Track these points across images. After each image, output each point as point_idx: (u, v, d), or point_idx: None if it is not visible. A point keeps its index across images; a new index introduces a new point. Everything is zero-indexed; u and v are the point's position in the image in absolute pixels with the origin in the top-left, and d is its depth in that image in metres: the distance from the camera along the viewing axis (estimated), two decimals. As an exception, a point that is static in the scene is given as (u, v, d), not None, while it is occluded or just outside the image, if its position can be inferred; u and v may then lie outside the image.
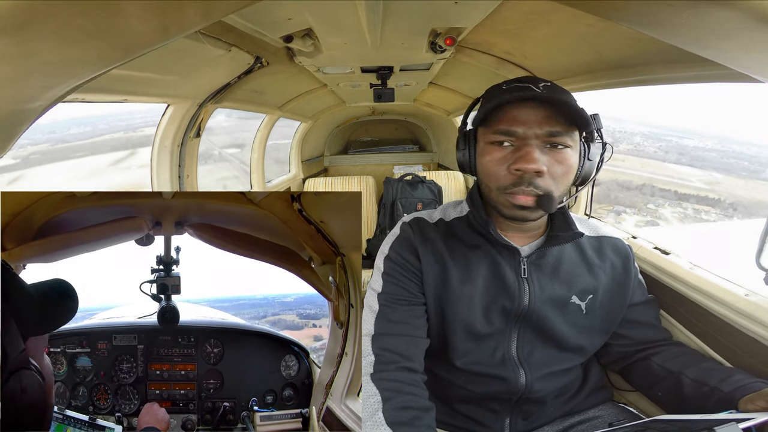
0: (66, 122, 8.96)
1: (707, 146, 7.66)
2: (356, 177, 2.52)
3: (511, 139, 0.62)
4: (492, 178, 0.65)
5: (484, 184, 0.67)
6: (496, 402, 0.73)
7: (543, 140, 0.61)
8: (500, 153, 0.63)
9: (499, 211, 0.66)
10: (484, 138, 0.66)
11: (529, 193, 0.61)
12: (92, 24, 0.31)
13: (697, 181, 6.89)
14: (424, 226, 0.76)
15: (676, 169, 7.18)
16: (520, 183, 0.61)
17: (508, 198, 0.63)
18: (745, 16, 0.33)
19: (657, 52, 0.79)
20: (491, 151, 0.64)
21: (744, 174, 7.28)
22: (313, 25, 0.99)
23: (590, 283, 0.72)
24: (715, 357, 0.74)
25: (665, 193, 6.54)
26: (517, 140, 0.62)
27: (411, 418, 0.61)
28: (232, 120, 2.33)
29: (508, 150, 0.63)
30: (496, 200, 0.65)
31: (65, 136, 9.44)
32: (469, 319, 0.69)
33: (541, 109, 0.61)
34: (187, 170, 1.43)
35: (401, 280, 0.72)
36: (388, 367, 0.65)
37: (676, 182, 6.90)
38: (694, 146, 7.63)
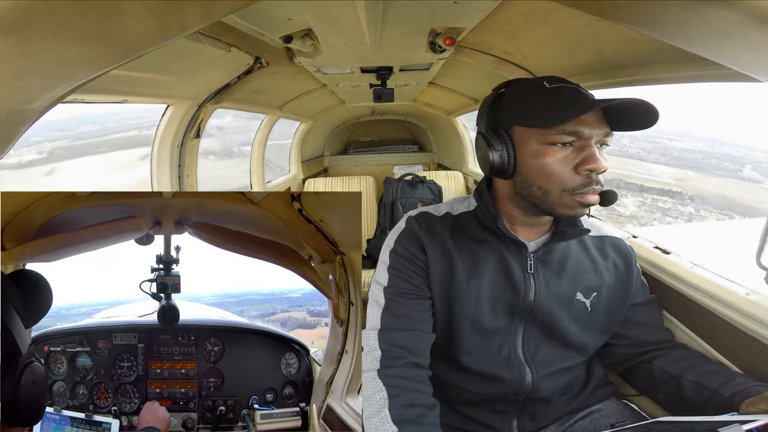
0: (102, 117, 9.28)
1: (695, 148, 7.79)
2: (356, 177, 2.52)
3: (574, 139, 0.62)
4: (554, 180, 0.62)
5: (536, 186, 0.64)
6: (503, 403, 0.73)
7: (599, 140, 0.62)
8: (563, 153, 0.62)
9: (554, 212, 0.64)
10: (539, 139, 0.62)
11: (597, 191, 0.62)
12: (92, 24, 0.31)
13: (668, 177, 7.09)
14: (431, 220, 0.75)
15: (651, 168, 7.41)
16: (589, 183, 0.61)
17: (576, 198, 0.62)
18: (745, 16, 0.33)
19: (657, 52, 0.79)
20: (552, 153, 0.62)
21: (719, 173, 7.45)
22: (313, 26, 0.99)
23: (594, 281, 0.72)
24: (716, 356, 0.74)
25: (630, 186, 6.80)
26: (579, 140, 0.62)
27: (417, 415, 0.61)
28: (240, 120, 2.37)
29: (569, 150, 0.62)
30: (556, 202, 0.63)
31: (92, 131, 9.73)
32: (476, 313, 0.70)
33: (598, 111, 0.62)
34: (187, 170, 1.43)
35: (407, 274, 0.72)
36: (395, 362, 0.65)
37: (645, 178, 7.10)
38: (681, 148, 7.76)
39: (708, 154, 8.58)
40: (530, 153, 0.63)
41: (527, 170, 0.64)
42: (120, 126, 9.57)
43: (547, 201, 0.63)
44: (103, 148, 10.06)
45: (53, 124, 9.00)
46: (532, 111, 0.63)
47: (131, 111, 1.33)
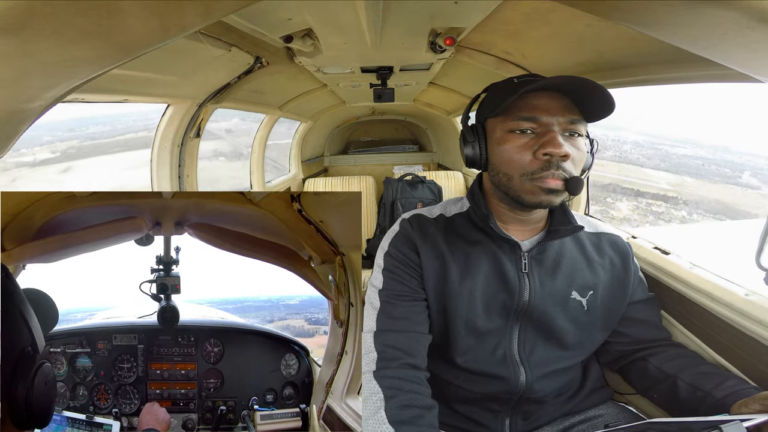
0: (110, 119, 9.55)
1: (697, 155, 7.97)
2: (356, 177, 2.52)
3: (533, 125, 0.63)
4: (515, 165, 0.64)
5: (502, 173, 0.66)
6: (496, 402, 0.73)
7: (563, 127, 0.63)
8: (523, 140, 0.64)
9: (520, 200, 0.65)
10: (502, 127, 0.66)
11: (558, 176, 0.62)
12: (92, 24, 0.31)
13: (665, 183, 7.33)
14: (424, 223, 0.76)
15: (649, 173, 7.61)
16: (548, 167, 0.62)
17: (536, 183, 0.62)
18: (745, 16, 0.33)
19: (657, 52, 0.79)
20: (512, 139, 0.64)
21: (717, 179, 7.69)
22: (313, 25, 0.99)
23: (590, 279, 0.72)
24: (714, 357, 0.74)
25: (626, 191, 7.01)
26: (540, 126, 0.63)
27: (413, 416, 0.61)
28: (248, 123, 2.46)
29: (530, 137, 0.64)
30: (519, 188, 0.64)
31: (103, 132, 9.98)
32: (469, 314, 0.69)
33: (560, 98, 0.63)
34: (187, 170, 1.43)
35: (402, 276, 0.72)
36: (390, 364, 0.65)
37: (642, 183, 7.28)
38: (683, 154, 7.95)
39: (709, 161, 8.81)
40: (495, 141, 0.67)
41: (493, 158, 0.68)
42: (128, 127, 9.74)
43: (512, 187, 0.66)
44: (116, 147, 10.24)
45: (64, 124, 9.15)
46: (494, 101, 0.68)
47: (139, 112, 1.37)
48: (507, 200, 0.69)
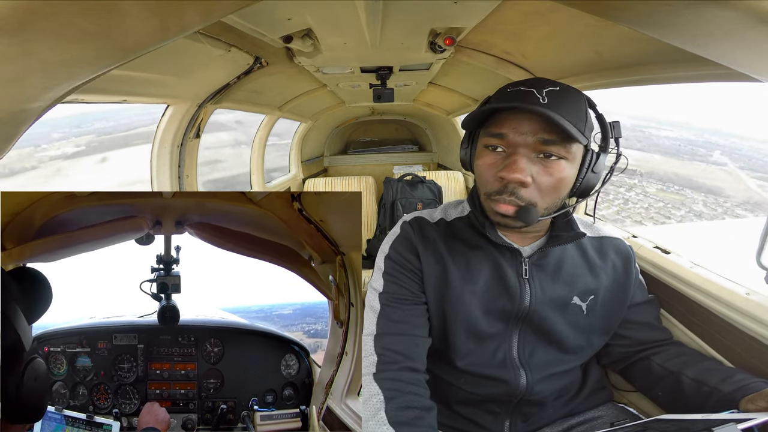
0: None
1: (680, 137, 8.37)
2: (356, 177, 2.52)
3: (502, 143, 0.61)
4: (481, 182, 0.64)
5: (478, 185, 0.67)
6: (496, 404, 0.73)
7: (534, 149, 0.59)
8: (491, 158, 0.62)
9: (488, 216, 0.66)
10: (481, 140, 0.65)
11: (510, 202, 0.60)
12: (92, 24, 0.31)
13: (631, 159, 7.93)
14: (425, 226, 0.75)
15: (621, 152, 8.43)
16: (503, 191, 0.60)
17: (491, 204, 0.63)
18: (745, 16, 0.33)
19: (657, 52, 0.79)
20: (484, 155, 0.63)
21: (686, 157, 8.22)
22: (313, 25, 0.99)
23: (592, 284, 0.72)
24: (715, 356, 0.74)
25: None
26: (508, 146, 0.61)
27: (413, 417, 0.61)
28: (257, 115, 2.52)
29: (499, 156, 0.62)
30: (485, 205, 0.65)
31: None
32: (470, 319, 0.69)
33: (536, 117, 0.58)
34: (187, 170, 1.43)
35: (402, 280, 0.72)
36: (390, 366, 0.65)
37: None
38: (665, 136, 8.33)
39: (689, 142, 9.49)
40: (476, 154, 0.67)
41: (474, 170, 0.67)
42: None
43: (482, 202, 0.66)
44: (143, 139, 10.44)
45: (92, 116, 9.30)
46: (476, 111, 0.64)
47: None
48: None
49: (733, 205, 12.37)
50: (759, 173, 12.94)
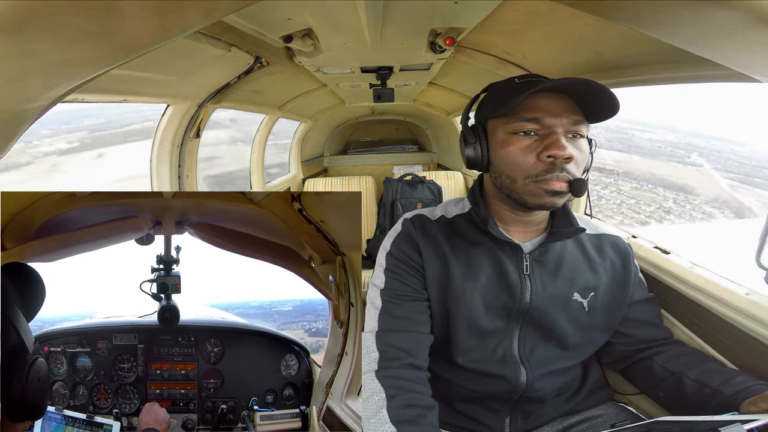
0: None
1: (663, 139, 8.72)
2: (356, 177, 2.52)
3: (536, 127, 0.63)
4: (518, 168, 0.64)
5: (505, 175, 0.66)
6: (497, 401, 0.73)
7: (566, 129, 0.63)
8: (526, 141, 0.63)
9: (524, 202, 0.65)
10: (504, 128, 0.65)
11: (562, 178, 0.62)
12: (92, 24, 0.31)
13: (611, 160, 8.22)
14: (426, 223, 0.76)
15: (603, 153, 8.54)
16: (552, 170, 0.62)
17: (540, 186, 0.62)
18: (745, 16, 0.33)
19: (657, 52, 0.79)
20: (515, 141, 0.64)
21: (664, 158, 8.60)
22: (313, 25, 0.99)
23: (592, 281, 0.72)
24: (715, 356, 0.74)
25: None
26: (543, 128, 0.63)
27: (415, 416, 0.61)
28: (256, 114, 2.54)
29: (533, 138, 0.63)
30: (522, 190, 0.64)
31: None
32: (471, 315, 0.69)
33: (563, 99, 0.63)
34: (187, 170, 1.43)
35: (404, 276, 0.72)
36: (392, 363, 0.65)
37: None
38: (648, 138, 8.68)
39: (669, 144, 10.02)
40: (498, 143, 0.67)
41: (497, 160, 0.67)
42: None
43: (516, 189, 0.65)
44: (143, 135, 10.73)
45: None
46: (496, 102, 0.67)
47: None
48: (509, 202, 0.69)
49: (701, 202, 12.88)
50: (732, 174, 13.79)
